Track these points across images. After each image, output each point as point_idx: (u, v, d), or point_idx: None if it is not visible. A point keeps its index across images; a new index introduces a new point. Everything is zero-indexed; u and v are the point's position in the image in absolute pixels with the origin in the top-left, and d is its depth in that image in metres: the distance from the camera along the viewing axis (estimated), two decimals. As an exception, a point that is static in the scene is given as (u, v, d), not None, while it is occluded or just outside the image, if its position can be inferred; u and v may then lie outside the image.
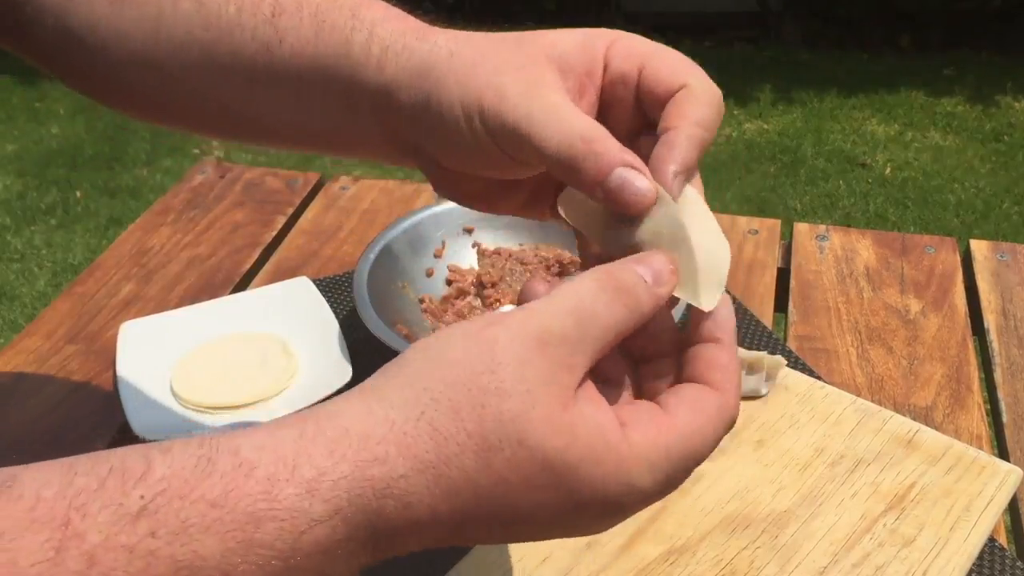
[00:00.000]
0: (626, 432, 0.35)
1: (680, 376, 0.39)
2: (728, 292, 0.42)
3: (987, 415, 0.75)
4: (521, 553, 0.58)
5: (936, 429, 0.68)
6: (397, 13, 0.47)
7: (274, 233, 1.00)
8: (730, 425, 0.38)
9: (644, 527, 0.60)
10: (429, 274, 0.85)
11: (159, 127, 0.60)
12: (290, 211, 1.03)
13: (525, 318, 0.35)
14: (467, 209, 0.53)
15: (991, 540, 0.62)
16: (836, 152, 2.87)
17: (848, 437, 0.66)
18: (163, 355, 0.80)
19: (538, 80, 0.41)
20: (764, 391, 0.70)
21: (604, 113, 0.45)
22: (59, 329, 0.86)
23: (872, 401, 0.71)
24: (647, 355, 0.40)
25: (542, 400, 0.33)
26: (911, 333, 0.83)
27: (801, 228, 0.98)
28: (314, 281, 0.88)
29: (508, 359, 0.34)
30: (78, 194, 2.74)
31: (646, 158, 0.41)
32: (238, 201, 1.05)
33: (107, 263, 0.95)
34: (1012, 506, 0.66)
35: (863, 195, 2.65)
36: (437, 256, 0.86)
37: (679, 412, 0.36)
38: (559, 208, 0.44)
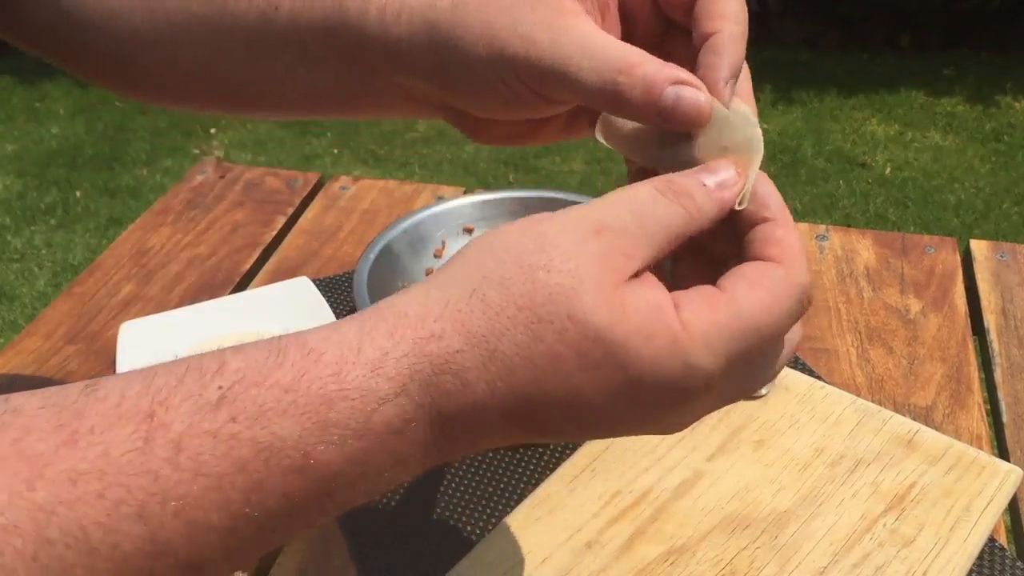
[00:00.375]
0: (680, 312, 0.34)
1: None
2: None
3: (987, 415, 0.75)
4: (521, 553, 0.58)
5: (936, 429, 0.68)
6: None
7: (274, 233, 1.00)
8: (801, 297, 0.36)
9: (644, 527, 0.60)
10: (429, 274, 0.85)
11: (160, 121, 0.59)
12: (290, 211, 1.03)
13: (582, 210, 0.35)
14: (467, 209, 0.53)
15: (991, 540, 0.62)
16: (836, 152, 2.87)
17: (848, 437, 0.66)
18: (163, 355, 0.80)
19: (559, 11, 0.40)
20: (764, 391, 0.70)
21: (627, 23, 0.43)
22: (59, 329, 0.86)
23: (872, 401, 0.71)
24: (715, 257, 0.39)
25: (593, 276, 0.33)
26: (911, 333, 0.83)
27: (801, 228, 0.98)
28: (314, 281, 0.88)
29: (561, 241, 0.34)
30: (78, 194, 2.74)
31: (680, 63, 0.39)
32: (238, 201, 1.05)
33: (107, 263, 0.95)
34: (1012, 506, 0.66)
35: (863, 195, 2.65)
36: (437, 256, 0.86)
37: (737, 288, 0.35)
38: (598, 135, 0.43)
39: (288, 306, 0.85)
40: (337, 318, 0.82)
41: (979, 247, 0.94)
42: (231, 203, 1.05)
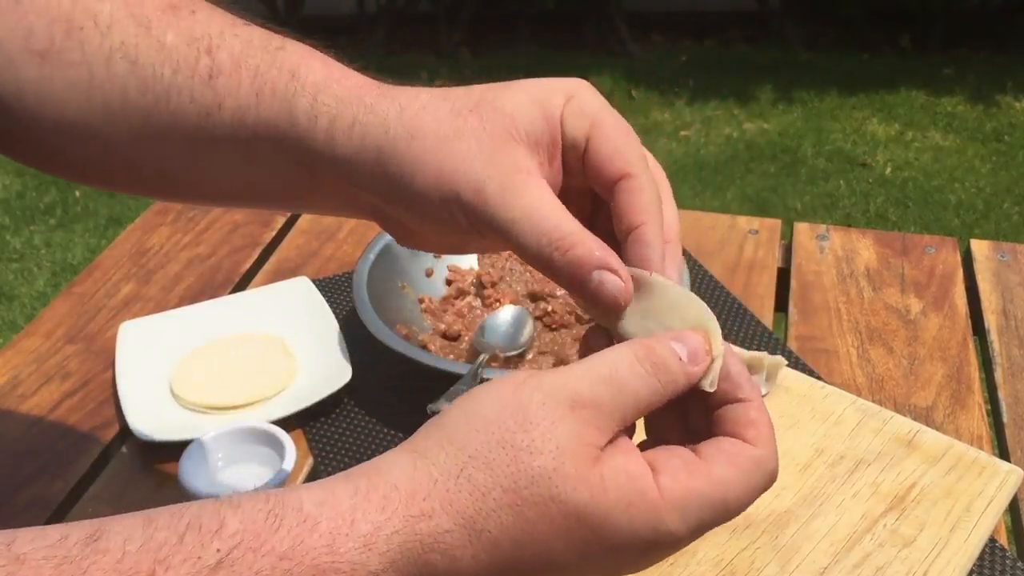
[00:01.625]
0: (658, 478, 0.36)
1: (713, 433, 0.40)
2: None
3: (987, 415, 0.75)
4: (521, 553, 0.58)
5: (936, 429, 0.68)
6: (339, 71, 0.46)
7: (274, 233, 1.00)
8: (770, 480, 0.39)
9: (644, 527, 0.60)
10: (429, 274, 0.85)
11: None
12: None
13: (560, 382, 0.37)
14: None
15: (991, 540, 0.62)
16: (836, 152, 2.87)
17: (848, 437, 0.66)
18: (163, 355, 0.80)
19: (512, 171, 0.42)
20: (764, 391, 0.69)
21: (566, 174, 0.45)
22: (58, 329, 0.86)
23: (872, 401, 0.71)
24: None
25: (570, 456, 0.35)
26: (911, 333, 0.83)
27: (801, 228, 0.98)
28: (314, 281, 0.88)
29: (539, 419, 0.36)
30: (77, 194, 2.74)
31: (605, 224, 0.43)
32: (238, 201, 1.05)
33: (107, 263, 0.95)
34: (1012, 506, 0.66)
35: (863, 195, 2.65)
36: (437, 256, 0.86)
37: (716, 461, 0.38)
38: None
39: (288, 306, 0.85)
40: (337, 318, 0.82)
41: (979, 247, 0.94)
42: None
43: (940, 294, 0.88)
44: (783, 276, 0.91)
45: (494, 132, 0.43)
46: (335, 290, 0.89)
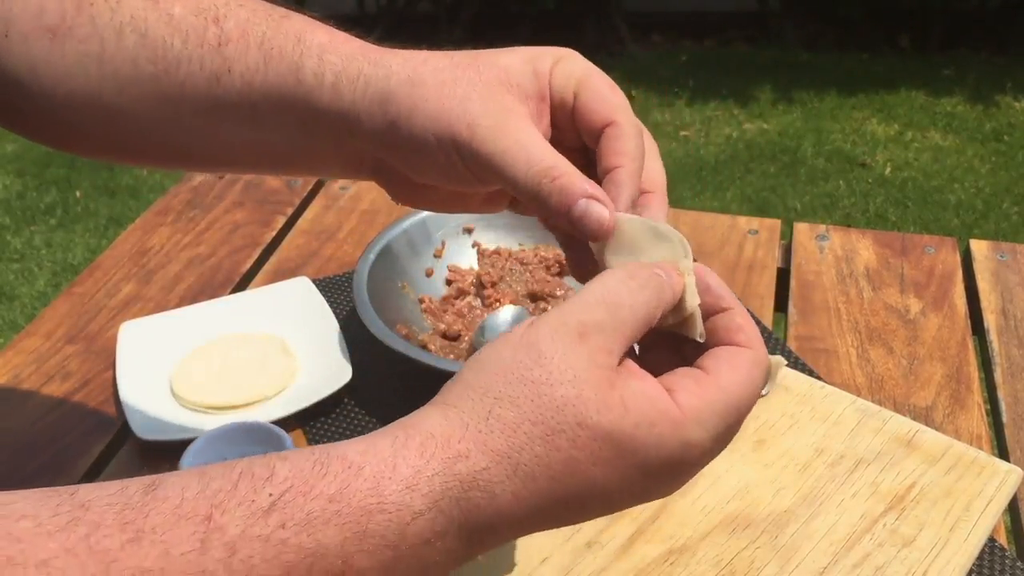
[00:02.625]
0: (675, 397, 0.39)
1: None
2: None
3: (987, 415, 0.75)
4: (521, 553, 0.58)
5: (936, 429, 0.68)
6: (343, 37, 0.48)
7: (274, 233, 1.00)
8: (765, 374, 0.42)
9: (644, 527, 0.60)
10: (429, 274, 0.85)
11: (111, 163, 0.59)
12: (290, 211, 1.03)
13: (563, 315, 0.39)
14: (467, 210, 0.54)
15: (991, 540, 0.62)
16: (836, 152, 2.87)
17: (848, 437, 0.66)
18: (163, 355, 0.80)
19: (505, 111, 0.45)
20: (764, 391, 0.70)
21: (556, 131, 0.48)
22: (59, 329, 0.86)
23: (872, 401, 0.71)
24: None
25: (589, 382, 0.37)
26: (911, 333, 0.83)
27: (801, 228, 0.98)
28: (314, 281, 0.88)
29: (552, 352, 0.38)
30: (78, 194, 2.74)
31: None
32: (238, 201, 1.05)
33: (107, 263, 0.95)
34: (1012, 506, 0.66)
35: (863, 195, 2.65)
36: (437, 256, 0.86)
37: (720, 371, 0.40)
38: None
39: (288, 306, 0.85)
40: (337, 318, 0.82)
41: (979, 247, 0.94)
42: (231, 203, 1.05)
43: (939, 294, 0.88)
44: (783, 276, 0.92)
45: (489, 81, 0.45)
46: (335, 290, 0.89)
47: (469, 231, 0.88)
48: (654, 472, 0.38)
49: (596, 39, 3.58)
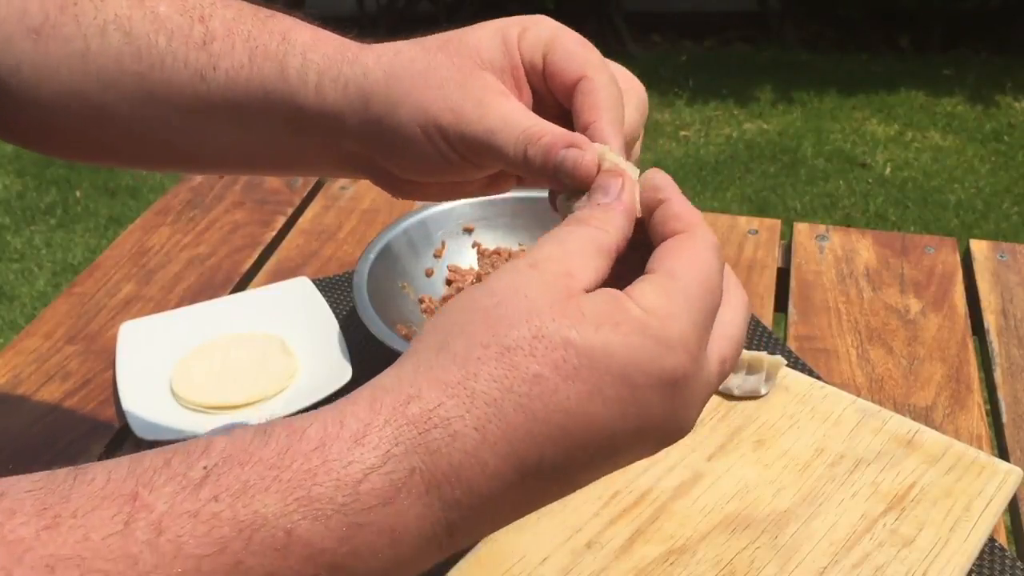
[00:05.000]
0: (636, 300, 0.35)
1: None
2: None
3: (987, 415, 0.75)
4: (521, 553, 0.58)
5: (936, 429, 0.68)
6: (325, 35, 0.48)
7: (274, 233, 1.00)
8: (718, 249, 0.38)
9: (644, 527, 0.60)
10: (429, 274, 0.85)
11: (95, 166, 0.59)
12: (290, 211, 1.03)
13: (514, 259, 0.37)
14: (467, 209, 0.54)
15: (991, 540, 0.62)
16: (836, 152, 2.87)
17: (848, 437, 0.66)
18: (163, 355, 0.80)
19: (484, 90, 0.45)
20: (764, 391, 0.70)
21: (536, 97, 0.47)
22: (59, 329, 0.86)
23: (872, 401, 0.71)
24: None
25: (544, 296, 0.34)
26: (911, 333, 0.83)
27: (801, 228, 0.98)
28: (314, 281, 0.88)
29: (502, 282, 0.35)
30: (78, 194, 2.74)
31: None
32: (238, 201, 1.05)
33: (107, 263, 0.95)
34: (1012, 506, 0.66)
35: (863, 195, 2.65)
36: (437, 256, 0.86)
37: (666, 262, 0.37)
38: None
39: (288, 306, 0.85)
40: (337, 318, 0.82)
41: (979, 247, 0.94)
42: (231, 203, 1.05)
43: (939, 294, 0.88)
44: (783, 276, 0.92)
45: (462, 64, 0.45)
46: (335, 290, 0.89)
47: (469, 231, 0.88)
48: (640, 387, 0.34)
49: (596, 39, 3.55)
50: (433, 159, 0.46)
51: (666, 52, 3.56)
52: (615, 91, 0.45)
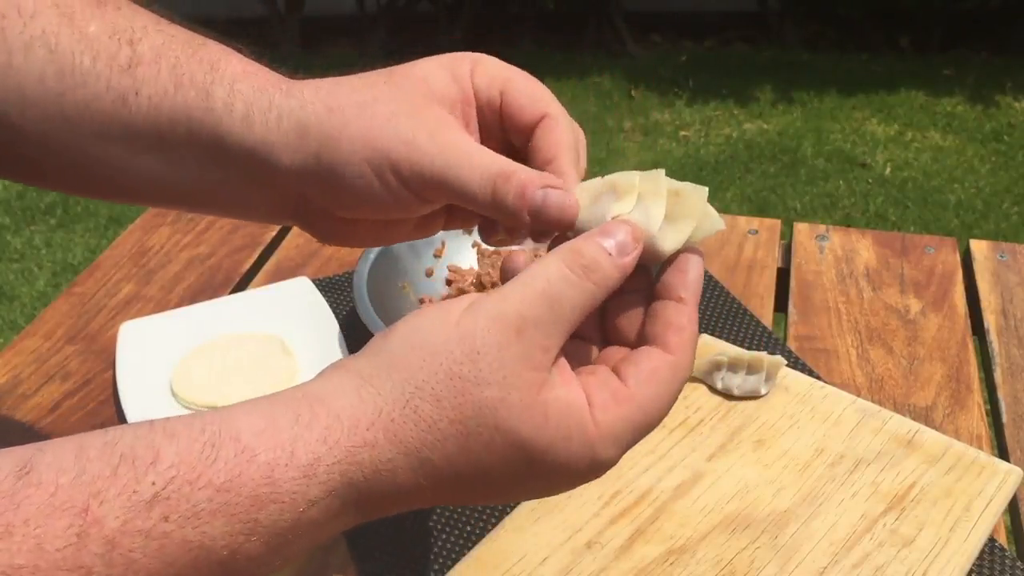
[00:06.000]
0: (593, 413, 0.38)
1: (643, 326, 0.42)
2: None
3: (987, 415, 0.75)
4: (521, 553, 0.58)
5: (936, 429, 0.68)
6: (256, 68, 0.47)
7: (274, 233, 1.00)
8: (683, 382, 0.40)
9: (644, 527, 0.60)
10: (429, 274, 0.85)
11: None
12: (290, 211, 1.03)
13: (502, 306, 0.37)
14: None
15: (991, 540, 0.62)
16: (836, 152, 2.87)
17: (848, 437, 0.66)
18: (163, 355, 0.80)
19: (437, 122, 0.44)
20: (764, 391, 0.70)
21: (484, 137, 0.47)
22: (59, 329, 0.86)
23: (872, 401, 0.71)
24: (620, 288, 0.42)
25: (517, 385, 0.36)
26: (911, 333, 0.83)
27: (801, 228, 0.98)
28: (314, 281, 0.88)
29: (486, 348, 0.36)
30: (78, 194, 2.74)
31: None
32: (238, 201, 1.05)
33: (107, 263, 0.95)
34: (1012, 506, 0.66)
35: (863, 195, 2.65)
36: (437, 256, 0.86)
37: (638, 386, 0.39)
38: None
39: (288, 306, 0.85)
40: (337, 318, 0.82)
41: (979, 247, 0.94)
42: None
43: (939, 294, 0.88)
44: (783, 276, 0.92)
45: (411, 96, 0.44)
46: (335, 290, 0.89)
47: (469, 231, 0.88)
48: (556, 479, 0.38)
49: (596, 39, 3.58)
50: (378, 195, 0.44)
51: (666, 52, 3.56)
52: (574, 131, 0.45)
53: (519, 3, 3.61)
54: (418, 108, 0.44)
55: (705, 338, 0.75)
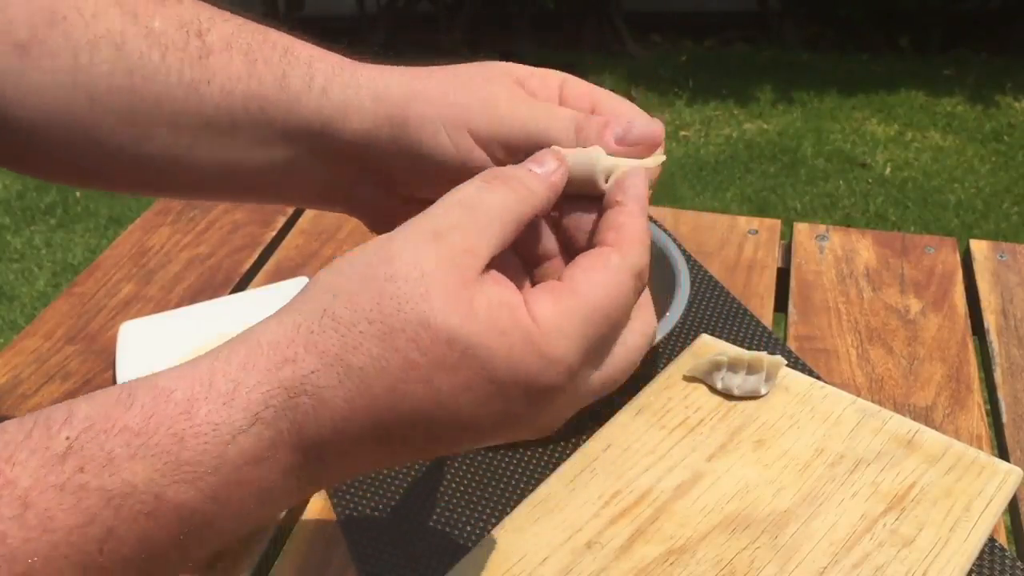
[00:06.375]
0: (530, 307, 0.35)
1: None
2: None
3: (987, 415, 0.75)
4: (521, 553, 0.58)
5: (936, 429, 0.68)
6: (331, 53, 0.48)
7: (274, 233, 1.00)
8: (639, 275, 0.38)
9: (644, 527, 0.60)
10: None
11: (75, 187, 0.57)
12: (290, 211, 1.03)
13: (419, 219, 0.36)
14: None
15: (991, 540, 0.62)
16: (836, 152, 2.87)
17: (848, 437, 0.66)
18: (163, 355, 0.80)
19: (512, 88, 0.45)
20: (764, 391, 0.70)
21: None
22: (59, 329, 0.86)
23: (872, 401, 0.71)
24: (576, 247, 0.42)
25: (438, 280, 0.34)
26: (911, 333, 0.83)
27: (801, 228, 0.98)
28: (314, 281, 0.88)
29: (402, 249, 0.35)
30: (78, 194, 2.74)
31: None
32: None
33: (107, 263, 0.95)
34: (1012, 506, 0.66)
35: (863, 195, 2.65)
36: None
37: (575, 276, 0.37)
38: None
39: (288, 306, 0.85)
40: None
41: (979, 247, 0.94)
42: (231, 203, 1.05)
43: (939, 294, 0.88)
44: (783, 276, 0.92)
45: (490, 73, 0.46)
46: (335, 290, 0.89)
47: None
48: (512, 392, 0.34)
49: (596, 39, 3.58)
50: (448, 156, 0.44)
51: (666, 52, 3.56)
52: (633, 108, 0.46)
53: (519, 3, 3.61)
54: (489, 79, 0.45)
55: (705, 338, 0.75)
